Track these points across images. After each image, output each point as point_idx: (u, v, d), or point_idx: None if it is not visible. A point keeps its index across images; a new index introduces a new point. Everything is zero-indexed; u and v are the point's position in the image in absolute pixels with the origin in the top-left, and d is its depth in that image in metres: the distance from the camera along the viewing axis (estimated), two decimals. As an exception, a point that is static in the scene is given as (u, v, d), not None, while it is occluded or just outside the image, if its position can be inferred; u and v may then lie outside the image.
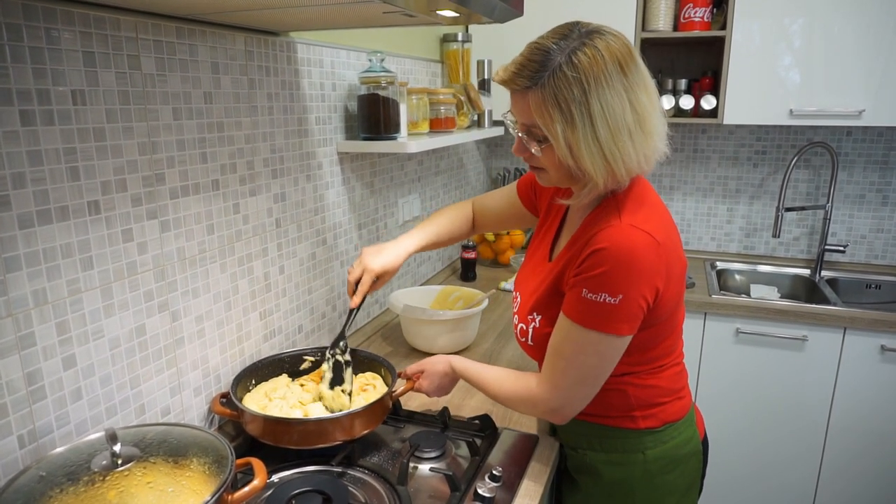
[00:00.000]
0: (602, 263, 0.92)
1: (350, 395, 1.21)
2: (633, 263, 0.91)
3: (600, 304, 0.93)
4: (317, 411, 1.17)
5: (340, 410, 1.17)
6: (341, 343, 1.25)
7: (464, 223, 1.43)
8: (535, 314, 1.08)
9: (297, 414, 1.16)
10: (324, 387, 1.22)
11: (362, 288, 1.26)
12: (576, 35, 0.91)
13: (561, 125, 0.90)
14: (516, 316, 1.15)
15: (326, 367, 1.24)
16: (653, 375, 1.06)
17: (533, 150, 0.97)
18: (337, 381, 1.23)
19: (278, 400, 1.20)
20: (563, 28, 0.93)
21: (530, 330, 1.09)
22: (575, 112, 0.88)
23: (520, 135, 0.99)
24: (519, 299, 1.16)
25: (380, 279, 1.29)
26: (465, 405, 1.37)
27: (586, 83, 0.88)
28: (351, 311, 1.27)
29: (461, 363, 1.19)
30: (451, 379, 1.22)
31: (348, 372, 1.23)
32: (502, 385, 1.11)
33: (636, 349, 1.01)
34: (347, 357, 1.24)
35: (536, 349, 1.09)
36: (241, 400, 1.17)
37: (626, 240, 0.92)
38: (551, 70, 0.89)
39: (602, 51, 0.89)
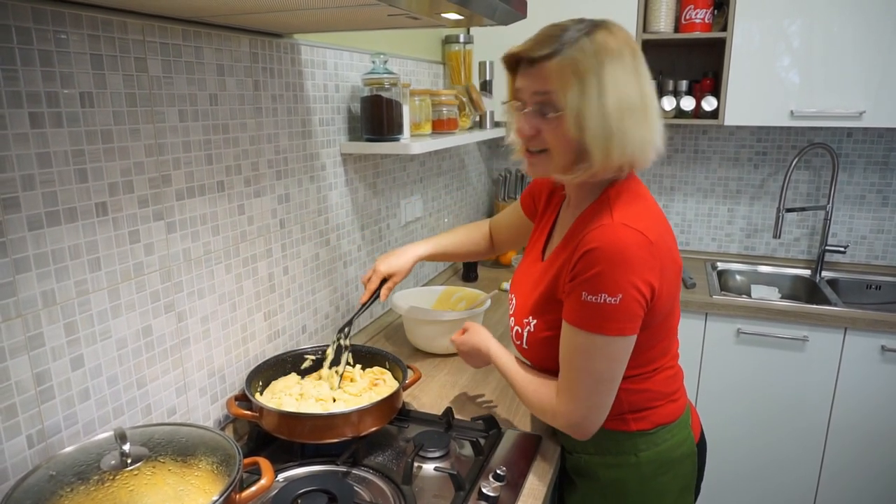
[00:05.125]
0: (595, 263, 0.92)
1: (340, 376, 1.29)
2: (625, 260, 0.92)
3: (601, 305, 0.93)
4: (333, 407, 1.20)
5: (331, 389, 1.26)
6: (346, 329, 1.33)
7: (479, 239, 1.50)
8: (530, 318, 1.08)
9: (316, 409, 1.19)
10: (325, 365, 1.32)
11: (370, 286, 1.38)
12: (588, 21, 0.97)
13: (574, 92, 0.92)
14: (512, 318, 1.16)
15: (331, 350, 1.33)
16: (646, 379, 1.06)
17: (546, 117, 0.97)
18: (336, 362, 1.32)
19: (287, 397, 1.22)
20: (575, 19, 0.98)
21: (525, 333, 1.10)
22: (588, 81, 0.92)
23: (527, 110, 0.99)
24: (514, 301, 1.17)
25: (389, 279, 1.38)
26: (468, 406, 1.37)
27: (602, 56, 0.92)
28: (362, 305, 1.38)
29: (497, 352, 1.18)
30: (483, 359, 1.23)
31: (344, 356, 1.32)
32: (525, 390, 1.10)
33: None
34: (348, 342, 1.33)
35: (531, 352, 1.10)
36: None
37: (616, 238, 0.92)
38: (570, 41, 0.93)
39: (616, 34, 0.95)
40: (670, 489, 1.12)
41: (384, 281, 1.38)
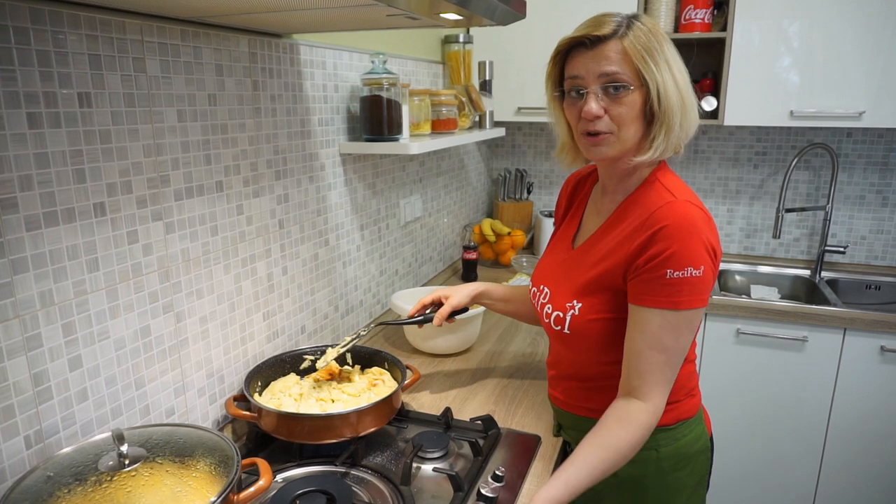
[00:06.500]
0: (675, 240, 0.95)
1: (326, 360, 1.30)
2: (699, 231, 0.96)
3: (689, 279, 0.95)
4: (332, 409, 1.20)
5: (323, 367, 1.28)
6: (371, 325, 1.38)
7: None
8: (574, 301, 1.07)
9: (315, 409, 1.19)
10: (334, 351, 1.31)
11: (422, 299, 1.38)
12: (624, 13, 1.01)
13: (650, 68, 0.97)
14: (549, 306, 1.13)
15: (349, 337, 1.34)
16: None
17: (615, 94, 0.98)
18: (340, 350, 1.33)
19: (286, 398, 1.22)
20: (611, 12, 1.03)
21: (568, 317, 1.08)
22: (658, 58, 0.98)
23: (591, 91, 0.99)
24: (547, 290, 1.15)
25: (445, 303, 1.34)
26: (466, 406, 1.37)
27: (659, 38, 0.99)
28: (409, 317, 1.38)
29: (560, 485, 0.96)
30: None
31: (347, 347, 1.32)
32: (613, 449, 0.98)
33: None
34: (361, 335, 1.34)
35: (573, 337, 1.08)
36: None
37: (687, 213, 0.97)
38: (627, 23, 0.99)
39: (654, 24, 1.01)
40: (687, 484, 1.13)
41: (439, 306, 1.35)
